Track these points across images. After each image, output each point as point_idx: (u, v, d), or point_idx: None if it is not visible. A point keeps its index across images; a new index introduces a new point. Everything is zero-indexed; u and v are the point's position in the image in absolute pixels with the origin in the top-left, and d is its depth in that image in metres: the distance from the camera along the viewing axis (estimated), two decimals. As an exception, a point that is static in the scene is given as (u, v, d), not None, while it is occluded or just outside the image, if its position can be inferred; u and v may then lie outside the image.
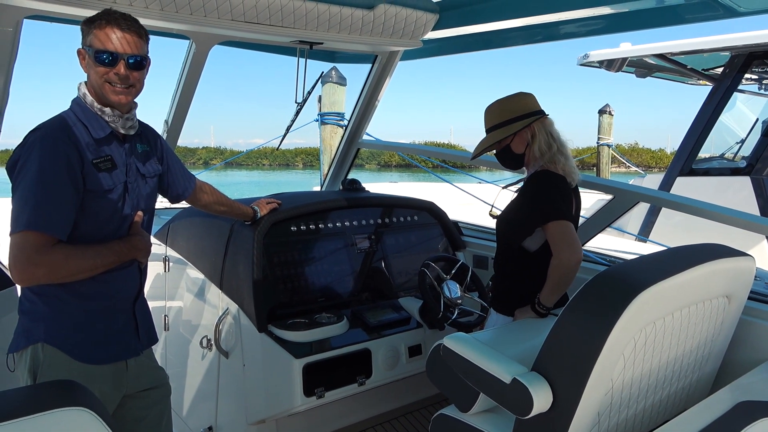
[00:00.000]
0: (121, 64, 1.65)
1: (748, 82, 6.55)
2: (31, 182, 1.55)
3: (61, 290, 1.67)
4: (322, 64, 3.60)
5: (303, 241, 2.65)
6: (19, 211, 1.54)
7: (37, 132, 1.63)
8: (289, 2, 2.41)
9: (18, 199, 1.57)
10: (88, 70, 1.69)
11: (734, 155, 6.83)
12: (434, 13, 2.77)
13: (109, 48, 1.64)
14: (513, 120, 2.21)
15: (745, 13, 2.12)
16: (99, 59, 1.64)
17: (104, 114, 1.70)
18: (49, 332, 1.67)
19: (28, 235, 1.52)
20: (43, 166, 1.56)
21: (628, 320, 1.47)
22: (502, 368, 1.62)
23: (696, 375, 1.90)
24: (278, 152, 39.05)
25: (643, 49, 6.29)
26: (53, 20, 2.27)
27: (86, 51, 1.68)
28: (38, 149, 1.58)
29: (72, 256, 1.58)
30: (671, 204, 2.59)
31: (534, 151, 2.20)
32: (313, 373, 2.28)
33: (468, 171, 6.24)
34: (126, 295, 1.84)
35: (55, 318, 1.68)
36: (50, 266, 1.54)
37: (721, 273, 1.76)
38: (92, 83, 1.69)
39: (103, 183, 1.69)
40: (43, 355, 1.66)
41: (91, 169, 1.65)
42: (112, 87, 1.67)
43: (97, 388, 1.69)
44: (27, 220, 1.52)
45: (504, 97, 2.28)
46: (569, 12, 2.34)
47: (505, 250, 2.32)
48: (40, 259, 1.52)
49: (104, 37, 1.64)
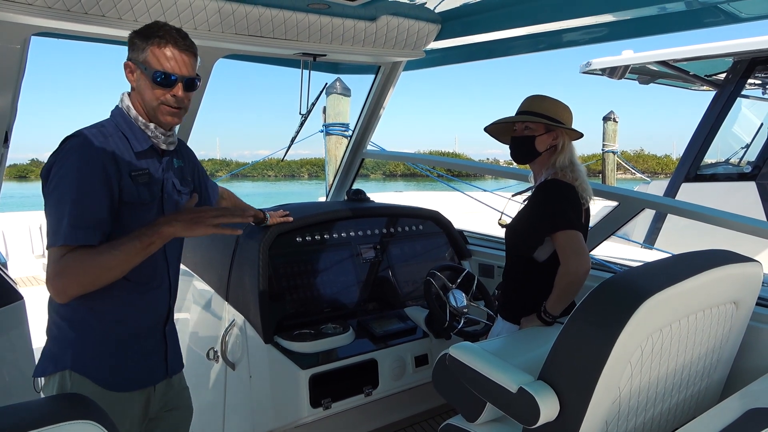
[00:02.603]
0: (179, 86, 1.61)
1: (751, 87, 6.54)
2: (66, 192, 1.48)
3: (89, 315, 1.61)
4: (326, 76, 3.63)
5: (308, 251, 2.66)
6: (56, 224, 1.47)
7: (75, 139, 1.55)
8: (292, 15, 2.44)
9: (53, 211, 1.49)
10: (140, 87, 1.63)
11: (739, 160, 6.80)
12: (436, 24, 2.79)
13: (167, 69, 1.59)
14: (559, 122, 2.21)
15: (747, 18, 2.13)
16: (157, 80, 1.58)
17: (147, 129, 1.66)
18: (76, 359, 1.61)
19: (54, 251, 1.46)
20: (80, 174, 1.50)
21: (635, 328, 1.46)
22: (508, 377, 1.61)
23: (705, 383, 1.88)
24: (284, 163, 39.23)
25: (645, 56, 6.30)
26: (61, 37, 2.31)
27: (137, 66, 1.61)
28: (75, 157, 1.51)
29: (85, 256, 1.46)
30: (676, 210, 2.58)
31: (557, 161, 2.20)
32: (320, 384, 2.28)
33: (472, 180, 6.25)
34: (156, 317, 1.76)
35: (83, 344, 1.62)
36: (67, 273, 1.45)
37: (727, 279, 1.75)
38: (144, 101, 1.64)
39: (140, 196, 1.63)
40: (71, 382, 1.60)
41: (128, 181, 1.60)
42: (166, 108, 1.62)
43: (127, 416, 1.66)
44: (65, 234, 1.45)
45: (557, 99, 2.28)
46: (572, 20, 2.35)
47: (514, 259, 2.31)
48: (58, 268, 1.45)
49: (163, 58, 1.58)
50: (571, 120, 2.27)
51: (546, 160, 2.23)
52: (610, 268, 2.76)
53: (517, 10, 2.45)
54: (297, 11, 2.44)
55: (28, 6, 1.94)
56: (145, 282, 1.69)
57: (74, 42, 2.37)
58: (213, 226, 1.52)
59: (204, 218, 1.52)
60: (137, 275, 1.63)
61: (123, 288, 1.63)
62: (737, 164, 6.74)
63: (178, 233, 1.51)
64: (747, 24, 2.17)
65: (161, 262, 1.74)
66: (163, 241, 1.51)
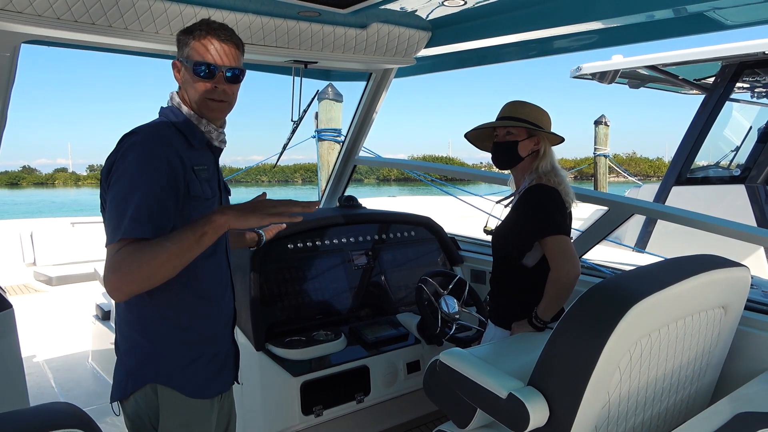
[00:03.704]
0: (220, 76, 1.58)
1: (739, 90, 6.61)
2: (128, 187, 1.42)
3: (163, 324, 1.56)
4: (317, 82, 3.64)
5: (300, 258, 2.66)
6: (117, 220, 1.40)
7: (135, 136, 1.51)
8: (283, 23, 2.45)
9: (114, 208, 1.43)
10: (186, 83, 1.62)
11: (729, 163, 6.86)
12: (427, 31, 2.81)
13: (208, 59, 1.57)
14: (540, 127, 2.23)
15: (732, 26, 2.16)
16: (197, 71, 1.57)
17: (200, 124, 1.63)
18: (159, 372, 1.55)
19: (122, 244, 1.38)
20: (142, 169, 1.45)
21: (623, 332, 1.47)
22: (498, 383, 1.62)
23: (695, 387, 1.90)
24: (277, 168, 39.15)
25: (635, 61, 6.36)
26: (51, 45, 2.30)
27: (183, 63, 1.61)
28: (137, 152, 1.46)
29: (140, 250, 1.36)
30: (665, 215, 2.60)
31: (539, 166, 2.22)
32: (311, 391, 2.27)
33: (465, 185, 6.27)
34: (225, 322, 1.73)
35: (162, 355, 1.56)
36: (121, 268, 1.35)
37: (715, 284, 1.76)
38: (190, 97, 1.62)
39: (204, 191, 1.59)
40: (160, 396, 1.55)
41: (192, 175, 1.55)
42: (211, 102, 1.60)
43: (209, 422, 1.63)
44: (124, 228, 1.38)
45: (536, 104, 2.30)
46: (561, 27, 2.37)
47: (502, 265, 2.32)
48: (114, 263, 1.36)
49: (203, 49, 1.57)
50: (551, 125, 2.29)
51: (528, 165, 2.25)
52: (600, 272, 2.78)
53: (508, 18, 2.47)
54: (288, 19, 2.45)
55: (19, 14, 1.93)
56: (214, 287, 1.67)
57: (65, 49, 2.37)
58: (270, 215, 1.40)
59: (261, 207, 1.41)
60: (207, 281, 1.63)
61: (195, 294, 1.60)
62: (727, 167, 6.79)
63: (231, 223, 1.39)
64: (735, 29, 2.20)
65: (225, 268, 1.73)
66: (215, 232, 1.39)
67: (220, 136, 1.68)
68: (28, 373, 2.32)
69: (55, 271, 6.10)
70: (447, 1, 2.26)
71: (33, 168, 66.28)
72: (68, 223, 7.05)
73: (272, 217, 1.41)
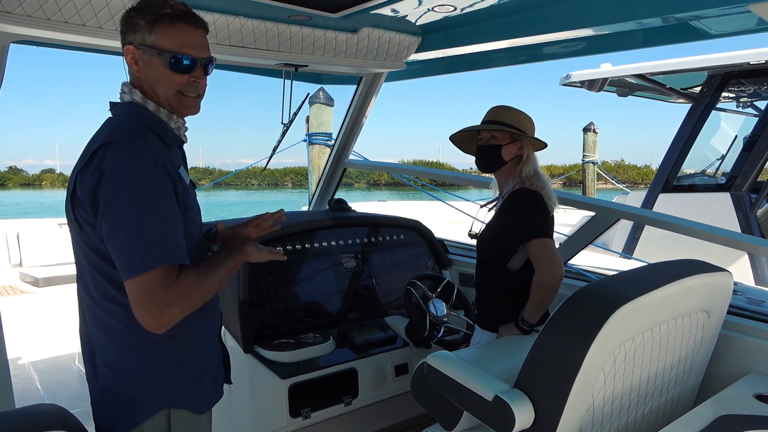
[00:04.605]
0: (199, 70, 1.39)
1: (725, 100, 6.70)
2: (139, 206, 1.24)
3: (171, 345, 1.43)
4: (308, 86, 3.65)
5: (289, 261, 2.66)
6: (140, 246, 1.24)
7: (119, 146, 1.28)
8: (274, 26, 2.46)
9: (124, 234, 1.25)
10: (151, 75, 1.38)
11: (715, 171, 6.94)
12: (417, 36, 2.83)
13: (189, 51, 1.36)
14: (524, 132, 2.25)
15: (716, 35, 2.20)
16: (175, 65, 1.35)
17: (171, 121, 1.44)
18: (167, 395, 1.43)
19: (152, 275, 1.23)
20: (146, 183, 1.26)
21: (607, 336, 1.49)
22: (484, 386, 1.63)
23: (678, 390, 1.92)
24: (267, 172, 39.05)
25: (623, 70, 6.43)
26: (40, 45, 2.30)
27: (146, 51, 1.36)
28: (130, 164, 1.26)
29: (199, 278, 1.29)
30: (651, 221, 2.63)
31: (522, 170, 2.25)
32: (299, 394, 2.27)
33: (455, 190, 6.30)
34: (216, 327, 1.63)
35: (167, 377, 1.43)
36: (182, 299, 1.26)
37: (698, 288, 1.79)
38: (159, 92, 1.40)
39: (192, 199, 1.44)
40: (173, 420, 1.43)
41: (183, 184, 1.39)
42: (186, 98, 1.41)
43: (210, 429, 1.60)
44: (146, 257, 1.23)
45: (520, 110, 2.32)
46: (551, 34, 2.40)
47: (486, 269, 2.34)
48: (171, 296, 1.24)
49: (178, 38, 1.35)
50: (534, 131, 2.32)
51: (511, 169, 2.28)
52: (586, 277, 2.81)
53: (497, 24, 2.50)
54: (279, 22, 2.46)
55: (8, 14, 1.93)
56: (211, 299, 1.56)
57: (53, 48, 2.36)
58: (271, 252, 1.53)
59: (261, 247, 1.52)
60: None
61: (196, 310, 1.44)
62: (713, 175, 6.87)
63: (254, 255, 1.46)
64: (722, 40, 2.25)
65: None
66: (240, 264, 1.42)
67: (186, 129, 1.52)
68: (14, 375, 2.30)
69: (42, 273, 6.04)
70: (437, 6, 2.28)
71: (20, 168, 65.59)
72: (55, 224, 7.00)
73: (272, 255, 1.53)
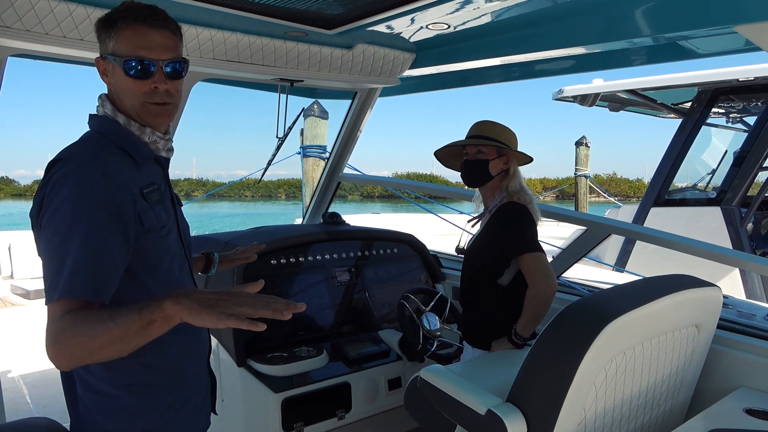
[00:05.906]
0: (160, 74, 1.31)
1: (715, 115, 6.80)
2: (65, 233, 1.17)
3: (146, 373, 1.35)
4: (303, 99, 3.68)
5: (283, 274, 2.67)
6: (54, 274, 1.16)
7: (65, 163, 1.22)
8: (270, 42, 2.49)
9: (49, 258, 1.19)
10: (117, 85, 1.33)
11: (706, 185, 7.02)
12: (411, 53, 2.87)
13: (140, 54, 1.28)
14: (509, 147, 2.29)
15: (704, 54, 2.26)
16: (128, 70, 1.28)
17: (144, 134, 1.36)
18: (136, 426, 1.34)
19: (52, 307, 1.14)
20: (79, 208, 1.18)
21: (598, 350, 1.51)
22: (477, 400, 1.64)
23: (669, 404, 1.94)
24: (261, 184, 39.06)
25: (615, 85, 6.52)
26: (38, 59, 2.31)
27: (109, 60, 1.31)
28: (71, 186, 1.19)
29: (81, 324, 1.11)
30: (641, 236, 2.66)
31: (509, 185, 2.27)
32: (292, 408, 2.27)
33: (449, 203, 6.33)
34: (202, 352, 1.55)
35: (139, 408, 1.34)
36: (60, 341, 1.11)
37: (688, 303, 1.81)
38: (125, 102, 1.34)
39: (159, 218, 1.34)
40: None
41: (143, 203, 1.30)
42: (151, 106, 1.33)
43: None
44: (62, 286, 1.14)
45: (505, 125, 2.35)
46: (543, 52, 2.44)
47: (475, 284, 2.33)
48: (51, 334, 1.12)
49: (132, 40, 1.28)
50: (518, 145, 2.35)
51: (497, 184, 2.31)
52: (577, 291, 2.83)
53: (490, 42, 2.54)
54: (275, 38, 2.49)
55: (7, 29, 1.94)
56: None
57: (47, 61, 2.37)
58: (229, 315, 1.06)
59: (224, 304, 1.08)
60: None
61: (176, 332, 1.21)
62: (704, 189, 6.94)
63: (184, 315, 1.07)
64: (712, 57, 2.30)
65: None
66: (166, 323, 1.09)
67: (167, 144, 1.42)
68: (4, 388, 2.29)
69: (33, 285, 6.00)
70: (431, 24, 2.32)
71: (11, 179, 65.29)
72: None
73: (231, 320, 1.06)
